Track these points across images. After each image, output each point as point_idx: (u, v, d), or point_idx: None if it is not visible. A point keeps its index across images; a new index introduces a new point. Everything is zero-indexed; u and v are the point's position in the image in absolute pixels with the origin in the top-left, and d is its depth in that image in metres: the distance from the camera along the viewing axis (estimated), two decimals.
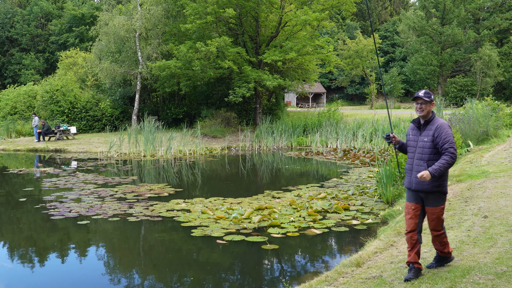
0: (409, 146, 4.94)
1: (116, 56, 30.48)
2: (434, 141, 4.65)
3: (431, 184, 4.63)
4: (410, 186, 4.85)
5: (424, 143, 4.73)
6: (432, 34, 50.11)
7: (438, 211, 4.71)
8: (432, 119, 4.78)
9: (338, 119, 27.04)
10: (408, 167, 4.92)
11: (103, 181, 13.62)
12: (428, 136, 4.72)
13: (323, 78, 62.81)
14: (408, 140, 4.98)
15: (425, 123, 4.79)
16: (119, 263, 7.22)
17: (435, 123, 4.72)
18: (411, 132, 4.96)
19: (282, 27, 27.86)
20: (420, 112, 4.77)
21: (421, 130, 4.82)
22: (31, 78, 54.10)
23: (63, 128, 26.31)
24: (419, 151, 4.77)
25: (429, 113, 4.79)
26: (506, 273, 4.43)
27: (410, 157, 4.91)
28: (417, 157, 4.78)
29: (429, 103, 4.73)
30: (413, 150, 4.87)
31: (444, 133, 4.60)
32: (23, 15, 60.31)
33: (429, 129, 4.74)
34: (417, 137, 4.84)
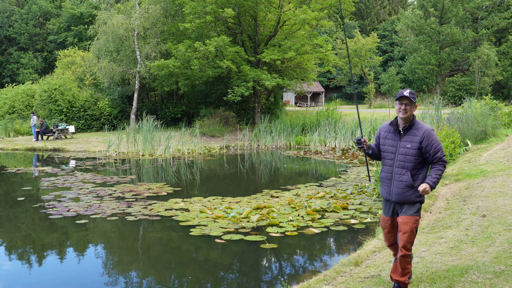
0: (386, 152, 4.43)
1: (115, 55, 30.45)
2: (422, 149, 4.21)
3: (414, 194, 4.24)
4: (389, 197, 4.38)
5: (407, 150, 4.25)
6: (430, 33, 50.16)
7: (413, 221, 4.22)
8: (414, 123, 4.30)
9: (336, 118, 27.04)
10: (385, 176, 4.42)
11: (102, 180, 13.60)
12: (412, 142, 4.25)
13: (322, 77, 62.84)
14: (384, 145, 4.47)
15: (408, 127, 4.30)
16: (118, 262, 7.21)
17: (420, 129, 4.26)
18: (387, 136, 4.46)
19: (280, 26, 27.86)
20: (403, 114, 4.26)
21: (402, 135, 4.32)
22: (29, 77, 54.03)
23: (62, 127, 26.28)
24: (401, 159, 4.30)
25: (412, 115, 4.32)
26: (504, 272, 4.44)
27: (387, 165, 4.41)
28: (398, 165, 4.31)
29: (413, 104, 4.27)
30: (391, 157, 4.37)
31: (434, 140, 4.19)
32: (21, 14, 60.20)
33: (413, 134, 4.26)
34: (397, 143, 4.35)
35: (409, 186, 4.25)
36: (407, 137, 4.29)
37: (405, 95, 4.24)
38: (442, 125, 14.48)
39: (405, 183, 4.26)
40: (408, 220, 4.21)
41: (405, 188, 4.26)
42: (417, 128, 4.27)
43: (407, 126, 4.29)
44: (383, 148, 4.48)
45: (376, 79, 60.96)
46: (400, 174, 4.29)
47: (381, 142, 4.50)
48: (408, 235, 4.18)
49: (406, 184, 4.25)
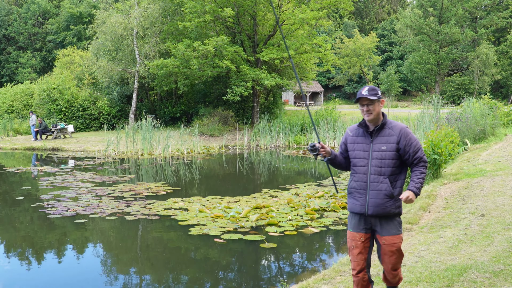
0: (357, 158, 3.79)
1: (114, 55, 30.43)
2: (400, 150, 3.66)
3: (393, 205, 3.67)
4: (364, 210, 3.72)
5: (383, 153, 3.66)
6: (429, 33, 50.19)
7: (399, 240, 3.69)
8: (386, 122, 3.74)
9: (335, 117, 27.06)
10: (359, 186, 3.76)
11: (101, 180, 13.59)
12: (388, 143, 3.66)
13: (321, 76, 62.83)
14: (353, 150, 3.82)
15: (380, 127, 3.72)
16: (117, 261, 7.21)
17: (394, 127, 3.71)
18: (356, 139, 3.83)
19: (279, 26, 27.85)
20: (367, 116, 3.68)
21: (374, 136, 3.73)
22: (28, 77, 53.96)
23: (61, 126, 26.26)
24: (376, 164, 3.68)
25: (380, 114, 3.73)
26: (503, 271, 4.44)
27: (360, 172, 3.75)
28: (373, 172, 3.68)
29: (376, 102, 3.66)
30: (364, 163, 3.73)
31: (413, 139, 3.66)
32: (20, 13, 60.13)
33: (388, 134, 3.70)
34: (369, 146, 3.73)
35: (389, 196, 3.65)
36: (380, 138, 3.71)
37: (363, 96, 3.64)
38: (441, 124, 14.47)
39: (384, 192, 3.65)
40: (394, 240, 3.67)
41: (385, 198, 3.64)
42: (390, 127, 3.72)
43: (379, 126, 3.72)
44: (352, 154, 3.83)
45: (375, 78, 60.96)
46: (378, 182, 3.66)
47: (350, 148, 3.86)
48: (397, 256, 3.69)
49: (386, 193, 3.65)
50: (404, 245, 5.77)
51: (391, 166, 3.67)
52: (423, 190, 8.69)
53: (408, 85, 60.31)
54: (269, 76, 25.70)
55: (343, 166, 3.97)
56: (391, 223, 3.70)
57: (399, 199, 3.69)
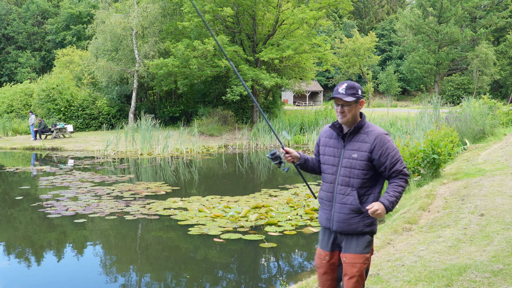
0: (326, 165, 3.31)
1: (113, 54, 30.42)
2: (373, 160, 3.14)
3: (362, 221, 3.15)
4: (329, 225, 3.26)
5: (353, 162, 3.16)
6: (429, 33, 50.22)
7: (363, 261, 3.14)
8: (362, 125, 3.21)
9: (335, 117, 27.01)
10: (326, 196, 3.30)
11: (100, 180, 13.59)
12: (359, 150, 3.16)
13: (320, 76, 62.85)
14: (324, 155, 3.35)
15: (353, 131, 3.21)
16: (116, 261, 7.21)
17: (370, 133, 3.17)
18: (328, 142, 3.35)
19: (279, 26, 27.86)
20: (341, 117, 3.18)
21: (346, 140, 3.23)
22: (28, 76, 53.94)
23: (60, 126, 26.25)
24: (344, 173, 3.20)
25: (357, 116, 3.21)
26: (502, 271, 4.44)
27: (328, 181, 3.29)
28: (341, 182, 3.21)
29: (354, 103, 3.15)
30: (333, 171, 3.26)
31: (390, 148, 3.12)
32: (19, 13, 60.10)
33: (361, 140, 3.18)
34: (340, 151, 3.25)
35: (355, 211, 3.15)
36: (352, 144, 3.20)
37: (339, 95, 3.14)
38: (441, 124, 14.48)
39: (349, 207, 3.16)
40: (356, 259, 3.12)
41: (350, 214, 3.15)
42: (366, 132, 3.19)
43: (352, 129, 3.20)
44: (322, 158, 3.36)
45: (375, 78, 60.99)
46: (344, 193, 3.19)
47: (321, 151, 3.39)
48: (356, 280, 3.10)
49: (352, 207, 3.15)
50: (403, 244, 5.77)
51: (361, 177, 3.15)
52: (423, 189, 8.69)
53: (408, 84, 60.36)
54: (269, 76, 25.71)
55: (316, 170, 3.50)
56: (357, 241, 3.17)
57: (370, 216, 3.13)
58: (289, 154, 3.40)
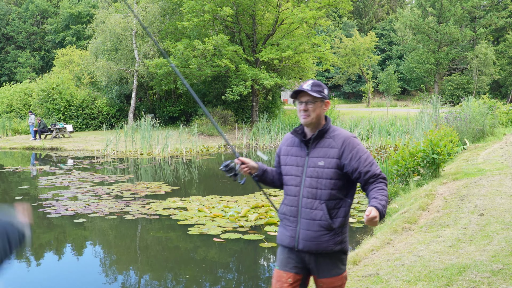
0: (289, 175, 2.92)
1: (112, 54, 30.42)
2: (343, 166, 2.77)
3: (332, 240, 2.75)
4: (293, 243, 2.83)
5: (320, 170, 2.78)
6: (428, 32, 50.24)
7: (341, 282, 2.85)
8: (328, 128, 2.86)
9: (334, 117, 27.07)
10: (289, 212, 2.89)
11: (100, 179, 13.59)
12: (326, 157, 2.79)
13: (320, 76, 62.82)
14: (286, 165, 2.96)
15: (318, 136, 2.84)
16: (116, 261, 7.21)
17: (337, 137, 2.83)
18: (290, 151, 2.96)
19: (278, 25, 27.86)
20: (304, 117, 2.83)
21: (310, 147, 2.86)
22: (27, 76, 53.92)
23: (60, 126, 26.25)
24: (310, 184, 2.80)
25: (321, 118, 2.88)
26: (502, 271, 4.45)
27: (291, 194, 2.88)
28: (306, 194, 2.80)
29: (319, 101, 2.83)
30: (296, 182, 2.86)
31: (361, 151, 2.79)
32: (18, 13, 60.08)
33: (327, 145, 2.82)
34: (303, 159, 2.86)
35: (325, 227, 2.74)
36: (318, 150, 2.83)
37: (303, 89, 2.81)
38: (440, 124, 14.49)
39: (318, 223, 2.75)
40: (335, 282, 2.82)
41: (320, 231, 2.74)
42: (332, 136, 2.84)
43: (316, 134, 2.84)
44: (284, 169, 2.96)
45: (374, 78, 60.99)
46: (311, 208, 2.78)
47: (282, 161, 3.00)
48: None
49: (321, 223, 2.74)
50: (403, 244, 5.78)
51: (329, 187, 2.75)
52: (422, 189, 8.69)
53: (407, 84, 60.34)
54: (268, 76, 25.71)
55: (276, 183, 3.12)
56: (331, 262, 2.79)
57: (341, 232, 2.79)
58: (246, 165, 3.04)
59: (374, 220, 2.53)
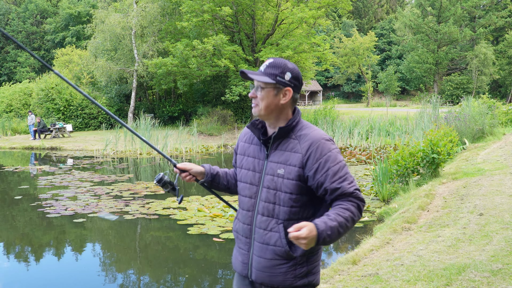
0: (242, 183, 2.27)
1: (112, 54, 30.43)
2: (307, 179, 2.08)
3: (293, 271, 2.10)
4: (246, 272, 2.23)
5: (279, 181, 2.11)
6: (428, 32, 50.27)
7: None
8: (293, 126, 2.14)
9: (334, 117, 27.06)
10: (242, 230, 2.26)
11: (99, 179, 13.58)
12: (287, 164, 2.10)
13: (319, 76, 62.87)
14: (241, 168, 2.30)
15: (279, 135, 2.13)
16: (115, 261, 7.21)
17: (303, 137, 2.11)
18: (247, 148, 2.30)
19: (278, 25, 27.86)
20: (253, 108, 2.17)
21: (271, 148, 2.17)
22: (27, 76, 53.95)
23: (59, 125, 26.24)
24: (267, 197, 2.14)
25: (278, 110, 2.15)
26: (501, 271, 4.45)
27: (244, 208, 2.25)
28: (261, 210, 2.15)
29: (271, 88, 2.11)
30: (251, 192, 2.21)
31: (332, 160, 2.06)
32: (18, 12, 60.10)
33: (290, 148, 2.11)
34: (261, 163, 2.19)
35: (282, 255, 2.09)
36: (278, 154, 2.14)
37: (245, 72, 2.11)
38: (440, 124, 14.50)
39: (274, 249, 2.10)
40: None
41: (274, 259, 2.11)
42: (298, 137, 2.12)
43: (277, 131, 2.13)
44: (239, 173, 2.32)
45: (374, 77, 61.02)
46: (266, 228, 2.13)
47: (238, 162, 2.35)
48: None
49: (276, 250, 2.09)
50: (402, 244, 5.77)
51: (289, 204, 2.09)
52: (422, 189, 8.69)
53: (407, 84, 60.39)
54: None
55: (233, 189, 2.50)
56: None
57: (307, 262, 2.13)
58: (187, 172, 2.46)
59: (302, 241, 1.86)
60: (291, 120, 2.15)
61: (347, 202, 2.04)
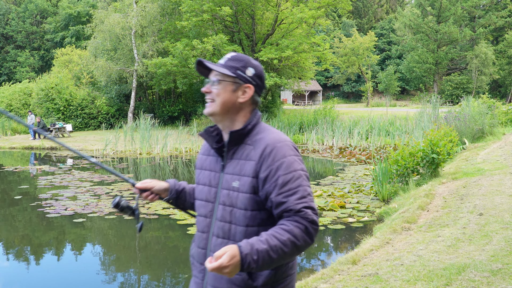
0: (199, 200, 2.00)
1: (112, 54, 30.44)
2: (260, 189, 1.79)
3: None
4: None
5: (234, 195, 1.83)
6: (428, 32, 50.29)
7: None
8: (249, 129, 1.87)
9: (334, 116, 27.06)
10: (197, 254, 1.96)
11: (99, 179, 13.58)
12: (241, 174, 1.82)
13: (319, 76, 62.88)
14: (198, 183, 2.02)
15: (233, 141, 1.87)
16: (115, 260, 7.21)
17: (258, 141, 1.83)
18: (205, 161, 2.02)
19: (278, 25, 27.87)
20: (208, 105, 1.92)
21: (227, 157, 1.89)
22: (26, 76, 53.95)
23: (59, 125, 26.24)
24: (222, 216, 1.86)
25: (235, 110, 1.89)
26: (501, 270, 4.45)
27: (199, 228, 1.97)
28: (217, 231, 1.86)
29: (231, 82, 1.88)
30: (206, 211, 1.93)
31: (285, 167, 1.76)
32: (18, 12, 60.09)
33: (245, 155, 1.83)
34: (217, 176, 1.92)
35: (240, 285, 1.79)
36: (234, 164, 1.86)
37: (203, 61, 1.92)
38: (440, 123, 14.50)
39: (227, 278, 1.80)
40: None
41: None
42: (253, 142, 1.83)
43: (229, 136, 1.86)
44: (196, 190, 2.04)
45: (374, 77, 61.04)
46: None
47: (196, 177, 2.08)
48: None
49: (233, 279, 1.79)
50: (402, 244, 5.77)
51: (245, 223, 1.80)
52: (422, 189, 8.68)
53: (407, 84, 60.41)
54: (268, 75, 25.72)
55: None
56: None
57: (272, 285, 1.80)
58: (149, 191, 2.21)
59: (225, 270, 1.57)
60: (247, 122, 1.86)
61: (291, 222, 1.70)
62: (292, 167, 1.76)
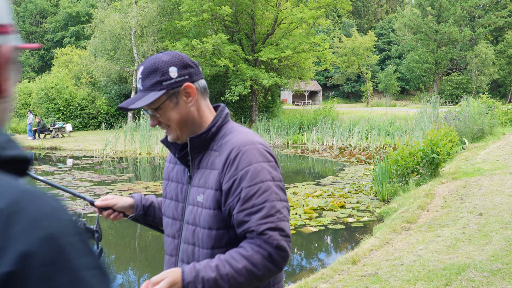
0: (166, 217, 1.76)
1: (112, 54, 30.43)
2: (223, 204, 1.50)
3: None
4: None
5: (198, 212, 1.55)
6: (428, 32, 50.31)
7: None
8: (214, 131, 1.57)
9: (334, 116, 27.07)
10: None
11: (99, 179, 13.58)
12: (206, 186, 1.54)
13: (319, 75, 62.86)
14: (165, 197, 1.77)
15: (195, 146, 1.58)
16: (115, 260, 7.21)
17: (224, 145, 1.53)
18: (171, 170, 1.76)
19: (278, 25, 27.87)
20: (167, 133, 1.62)
21: (193, 166, 1.61)
22: (26, 76, 53.91)
23: (59, 125, 26.24)
24: (186, 237, 1.60)
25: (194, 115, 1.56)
26: (501, 270, 4.45)
27: (167, 251, 1.76)
28: (181, 255, 1.63)
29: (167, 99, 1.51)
30: (173, 231, 1.70)
31: (249, 178, 1.44)
32: (17, 12, 60.09)
33: (210, 163, 1.55)
34: (184, 189, 1.66)
35: None
36: (199, 175, 1.60)
37: (134, 98, 1.53)
38: (440, 123, 14.51)
39: None
40: None
41: None
42: (219, 147, 1.57)
43: (189, 143, 1.58)
44: (163, 205, 1.81)
45: (374, 77, 61.05)
46: None
47: (163, 189, 1.82)
48: None
49: None
50: (402, 244, 5.78)
51: (209, 245, 1.54)
52: (421, 189, 8.68)
53: (407, 84, 60.41)
54: (268, 75, 25.72)
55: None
56: None
57: None
58: (110, 209, 1.84)
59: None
60: (211, 124, 1.57)
61: (252, 246, 1.42)
62: (259, 177, 1.45)
